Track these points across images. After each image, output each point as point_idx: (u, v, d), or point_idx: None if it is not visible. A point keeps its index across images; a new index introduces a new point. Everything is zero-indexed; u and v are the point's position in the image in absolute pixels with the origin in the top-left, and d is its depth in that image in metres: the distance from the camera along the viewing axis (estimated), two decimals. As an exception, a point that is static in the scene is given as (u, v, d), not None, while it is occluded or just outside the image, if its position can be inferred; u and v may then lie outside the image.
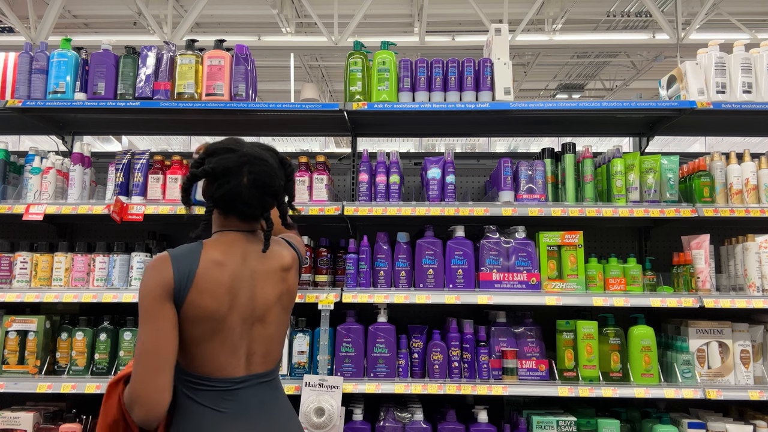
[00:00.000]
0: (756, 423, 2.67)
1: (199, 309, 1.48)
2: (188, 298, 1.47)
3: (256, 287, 1.60)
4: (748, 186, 2.82)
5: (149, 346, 1.42)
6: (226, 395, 1.53)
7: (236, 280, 1.55)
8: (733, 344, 2.73)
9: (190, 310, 1.47)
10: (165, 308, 1.44)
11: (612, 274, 2.78)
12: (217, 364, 1.52)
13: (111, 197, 2.90)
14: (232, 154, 1.59)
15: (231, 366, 1.54)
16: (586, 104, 2.89)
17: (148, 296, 1.44)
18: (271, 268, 1.65)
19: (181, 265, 1.48)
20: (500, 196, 2.85)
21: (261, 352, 1.61)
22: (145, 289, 1.45)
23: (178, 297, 1.46)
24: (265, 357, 1.63)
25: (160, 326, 1.43)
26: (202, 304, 1.48)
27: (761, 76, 2.85)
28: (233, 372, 1.54)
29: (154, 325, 1.43)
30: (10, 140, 3.38)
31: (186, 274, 1.47)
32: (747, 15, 8.67)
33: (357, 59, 2.93)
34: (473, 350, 2.72)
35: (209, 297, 1.49)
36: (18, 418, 2.66)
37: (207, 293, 1.49)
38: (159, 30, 8.09)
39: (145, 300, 1.45)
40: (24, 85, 2.91)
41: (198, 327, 1.49)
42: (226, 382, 1.53)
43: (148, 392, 1.39)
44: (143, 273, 1.49)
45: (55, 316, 2.91)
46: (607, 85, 12.09)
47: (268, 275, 1.63)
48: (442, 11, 8.61)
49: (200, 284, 1.48)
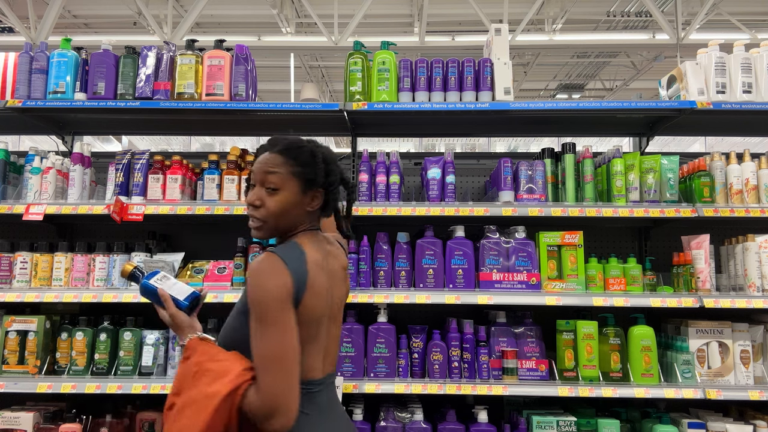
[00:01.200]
0: (756, 423, 2.67)
1: (311, 312, 1.47)
2: (303, 302, 1.44)
3: (334, 287, 1.60)
4: (748, 186, 2.82)
5: (280, 352, 1.37)
6: (311, 397, 1.50)
7: (330, 280, 1.56)
8: (733, 344, 2.73)
9: (304, 313, 1.45)
10: (291, 312, 1.41)
11: (612, 274, 2.78)
12: (307, 366, 1.49)
13: (111, 197, 2.90)
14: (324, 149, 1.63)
15: (317, 368, 1.53)
16: (586, 104, 2.89)
17: (274, 300, 1.38)
18: (340, 268, 1.66)
19: (295, 268, 1.45)
20: (500, 196, 2.85)
21: (333, 352, 1.62)
22: (270, 294, 1.39)
23: (295, 301, 1.43)
24: (334, 357, 1.63)
25: (288, 330, 1.39)
26: (314, 306, 1.47)
27: (761, 76, 2.85)
28: (317, 374, 1.53)
29: (282, 330, 1.38)
30: (10, 140, 3.37)
31: (301, 278, 1.45)
32: (747, 15, 8.67)
33: (357, 59, 2.93)
34: (473, 350, 2.72)
35: (318, 300, 1.49)
36: (18, 418, 2.65)
37: (317, 296, 1.48)
38: (159, 30, 8.09)
39: (271, 304, 1.38)
40: (24, 85, 2.91)
41: (304, 330, 1.46)
42: (312, 384, 1.51)
43: (288, 399, 1.35)
44: (255, 277, 1.42)
45: (55, 316, 2.91)
46: (607, 85, 12.09)
47: (339, 275, 1.64)
48: (442, 11, 8.61)
49: (312, 287, 1.47)
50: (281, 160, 1.54)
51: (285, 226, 1.57)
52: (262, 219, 1.54)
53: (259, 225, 1.55)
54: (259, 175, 1.54)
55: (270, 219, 1.53)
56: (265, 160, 1.55)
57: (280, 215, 1.54)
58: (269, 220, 1.54)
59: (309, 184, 1.56)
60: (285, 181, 1.53)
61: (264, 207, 1.53)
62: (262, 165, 1.55)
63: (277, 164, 1.53)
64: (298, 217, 1.58)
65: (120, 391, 2.61)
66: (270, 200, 1.52)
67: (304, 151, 1.56)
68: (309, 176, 1.55)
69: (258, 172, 1.55)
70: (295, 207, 1.55)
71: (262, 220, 1.54)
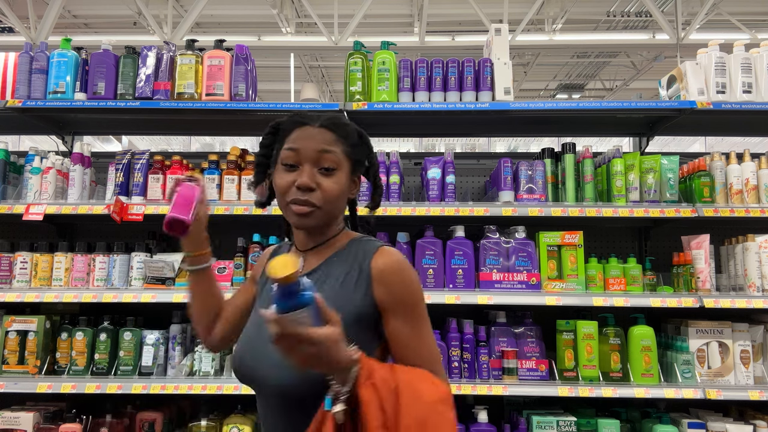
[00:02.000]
0: (756, 423, 2.67)
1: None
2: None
3: None
4: (748, 186, 2.82)
5: (435, 346, 1.31)
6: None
7: None
8: (733, 344, 2.73)
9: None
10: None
11: (612, 274, 2.78)
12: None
13: (111, 197, 2.90)
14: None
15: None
16: (586, 104, 2.89)
17: (422, 294, 1.32)
18: None
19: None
20: (500, 196, 2.85)
21: None
22: (420, 288, 1.31)
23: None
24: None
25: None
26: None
27: (761, 76, 2.85)
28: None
29: (429, 323, 1.31)
30: (10, 140, 3.37)
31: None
32: (747, 15, 8.67)
33: (357, 59, 2.93)
34: (473, 350, 2.72)
35: None
36: (18, 418, 2.65)
37: None
38: (159, 30, 8.09)
39: (423, 298, 1.31)
40: (24, 85, 2.91)
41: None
42: None
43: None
44: (407, 270, 1.29)
45: (55, 316, 2.91)
46: (607, 85, 12.09)
47: None
48: (442, 11, 8.61)
49: None
50: (333, 138, 1.32)
51: (335, 214, 1.37)
52: (317, 204, 1.29)
53: (311, 211, 1.29)
54: (311, 154, 1.30)
55: (326, 204, 1.30)
56: (316, 137, 1.31)
57: (337, 200, 1.33)
58: (325, 205, 1.30)
59: (356, 166, 1.39)
60: (341, 162, 1.32)
61: (321, 189, 1.29)
62: (313, 142, 1.30)
63: (330, 141, 1.31)
64: (343, 206, 1.40)
65: (120, 391, 2.61)
66: (328, 182, 1.30)
67: (352, 130, 1.38)
68: (358, 157, 1.39)
69: (309, 150, 1.30)
70: (345, 193, 1.35)
71: (316, 205, 1.29)
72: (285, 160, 1.32)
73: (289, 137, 1.33)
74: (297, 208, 1.29)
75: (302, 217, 1.30)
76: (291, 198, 1.30)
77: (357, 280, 1.28)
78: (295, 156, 1.30)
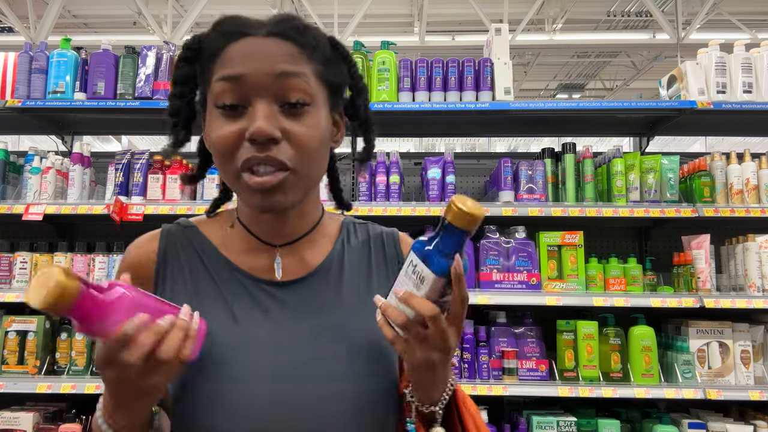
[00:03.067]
0: (756, 423, 2.66)
1: None
2: None
3: None
4: (748, 186, 2.82)
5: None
6: None
7: None
8: (734, 344, 2.73)
9: None
10: None
11: (612, 274, 2.78)
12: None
13: (111, 197, 2.89)
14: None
15: None
16: (586, 104, 2.89)
17: None
18: None
19: None
20: (500, 196, 2.85)
21: None
22: None
23: None
24: None
25: None
26: None
27: (762, 75, 2.85)
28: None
29: None
30: (10, 140, 3.37)
31: None
32: (747, 15, 8.67)
33: (357, 59, 2.92)
34: (473, 350, 2.71)
35: None
36: (18, 418, 2.65)
37: None
38: (159, 30, 8.09)
39: None
40: (23, 84, 2.91)
41: None
42: None
43: None
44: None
45: (54, 316, 2.91)
46: (608, 85, 12.09)
47: None
48: (442, 11, 8.60)
49: None
50: (296, 50, 0.82)
51: (316, 179, 0.88)
52: (289, 164, 0.80)
53: (281, 180, 0.80)
54: (265, 81, 0.79)
55: (302, 164, 0.81)
56: (267, 51, 0.80)
57: (317, 155, 0.84)
58: (301, 166, 0.81)
59: (335, 96, 0.89)
60: (313, 90, 0.83)
61: (291, 139, 0.80)
62: (265, 60, 0.80)
63: (292, 57, 0.81)
64: (324, 165, 0.89)
65: (120, 391, 2.61)
66: (299, 127, 0.80)
67: (320, 36, 0.87)
68: (337, 80, 0.88)
69: (259, 74, 0.79)
70: (326, 142, 0.87)
71: (286, 166, 0.80)
72: (221, 98, 0.80)
73: (222, 58, 0.81)
74: (257, 180, 0.79)
75: (269, 193, 0.80)
76: (242, 162, 0.79)
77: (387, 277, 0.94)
78: (237, 89, 0.80)
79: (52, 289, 0.63)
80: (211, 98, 0.83)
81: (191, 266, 0.90)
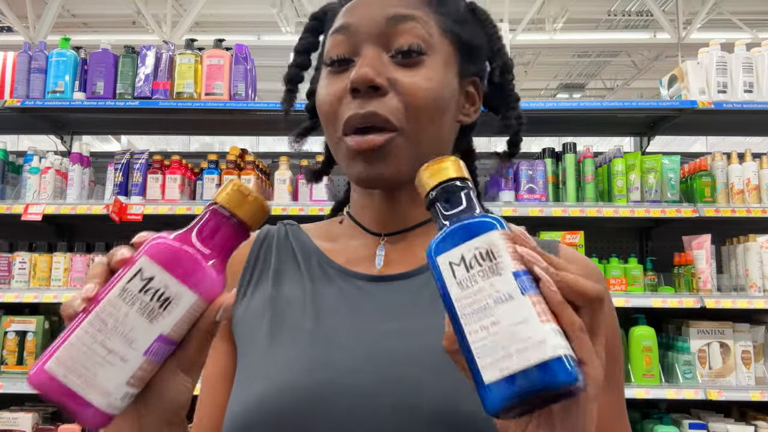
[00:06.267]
0: (757, 424, 2.66)
1: None
2: None
3: None
4: (749, 186, 2.81)
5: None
6: None
7: None
8: (735, 345, 2.72)
9: None
10: None
11: (613, 274, 2.77)
12: None
13: (110, 197, 2.89)
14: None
15: None
16: (586, 104, 2.89)
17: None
18: None
19: None
20: (500, 196, 2.84)
21: None
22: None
23: None
24: None
25: None
26: None
27: (762, 75, 2.84)
28: None
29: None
30: (9, 140, 3.37)
31: None
32: (748, 14, 8.66)
33: (357, 59, 2.92)
34: (473, 351, 2.70)
35: None
36: (17, 418, 2.65)
37: None
38: (158, 29, 8.09)
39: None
40: (23, 84, 2.90)
41: None
42: None
43: None
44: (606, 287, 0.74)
45: (53, 316, 2.91)
46: (608, 85, 12.08)
47: None
48: (443, 10, 8.60)
49: None
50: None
51: (436, 144, 0.73)
52: (397, 123, 0.67)
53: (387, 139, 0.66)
54: (374, 26, 0.68)
55: (412, 123, 0.68)
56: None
57: (435, 111, 0.69)
58: (410, 125, 0.67)
59: (467, 58, 0.76)
60: (433, 39, 0.70)
61: (399, 90, 0.67)
62: (380, 4, 0.69)
63: (413, 3, 0.70)
64: (450, 131, 0.77)
65: (119, 391, 2.60)
66: (411, 76, 0.67)
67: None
68: (469, 40, 0.76)
69: (368, 20, 0.69)
70: (449, 103, 0.72)
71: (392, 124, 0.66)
72: (329, 53, 0.70)
73: (337, 18, 0.72)
74: (356, 140, 0.66)
75: (371, 158, 0.67)
76: (344, 123, 0.67)
77: None
78: (345, 39, 0.69)
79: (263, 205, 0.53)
80: (324, 59, 0.73)
81: (282, 265, 0.77)
